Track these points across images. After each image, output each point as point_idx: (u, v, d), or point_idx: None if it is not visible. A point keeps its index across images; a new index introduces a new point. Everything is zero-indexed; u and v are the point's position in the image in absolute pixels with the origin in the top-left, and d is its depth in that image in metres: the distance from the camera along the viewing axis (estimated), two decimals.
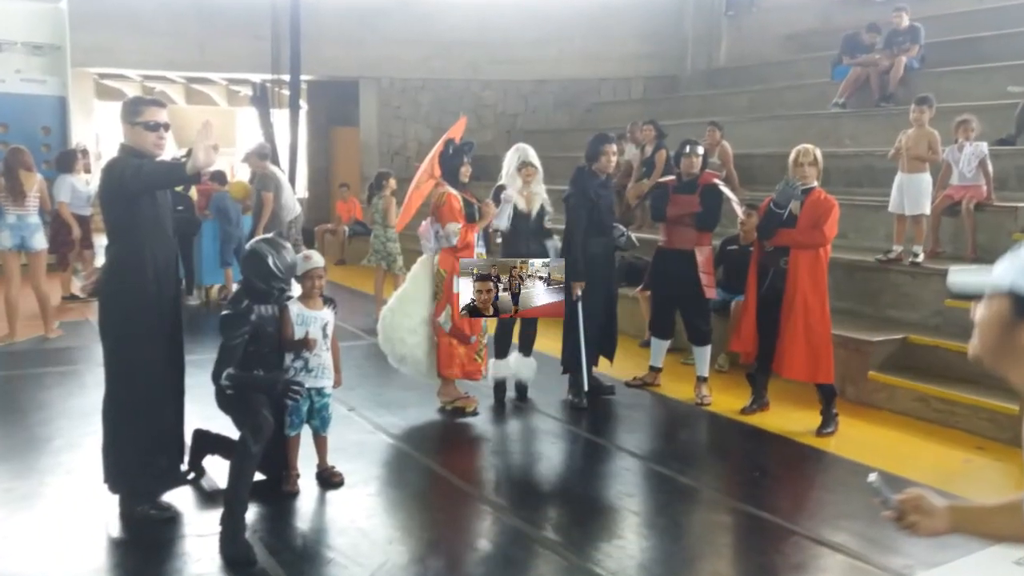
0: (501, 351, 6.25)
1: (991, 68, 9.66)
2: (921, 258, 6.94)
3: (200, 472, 4.68)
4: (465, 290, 5.68)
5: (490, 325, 6.15)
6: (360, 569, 3.72)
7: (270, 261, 4.31)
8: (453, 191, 5.87)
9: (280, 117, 15.40)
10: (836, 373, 5.76)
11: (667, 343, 6.69)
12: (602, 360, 6.47)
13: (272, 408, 4.21)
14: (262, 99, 15.24)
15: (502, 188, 6.16)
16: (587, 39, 15.54)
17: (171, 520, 4.18)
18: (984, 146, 7.30)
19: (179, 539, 4.04)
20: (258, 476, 4.21)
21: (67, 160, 9.83)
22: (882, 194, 7.65)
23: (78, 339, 8.05)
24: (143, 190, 3.99)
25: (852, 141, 9.88)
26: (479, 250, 5.95)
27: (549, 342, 6.78)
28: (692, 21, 14.90)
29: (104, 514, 4.20)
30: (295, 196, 9.93)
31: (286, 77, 14.79)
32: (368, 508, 4.43)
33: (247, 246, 4.54)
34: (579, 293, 6.05)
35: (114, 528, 4.13)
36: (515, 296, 5.50)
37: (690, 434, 6.07)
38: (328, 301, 4.64)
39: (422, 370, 6.05)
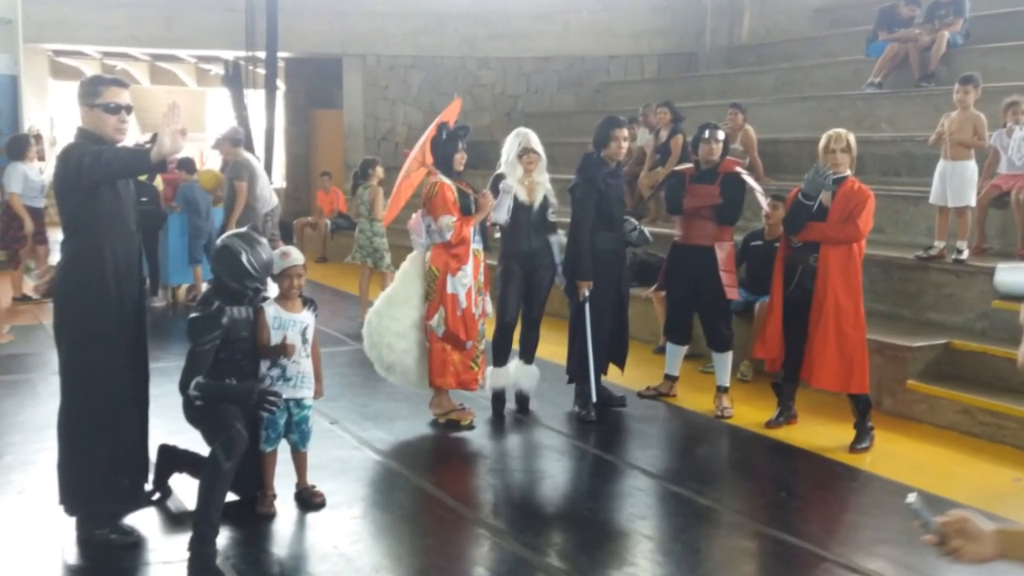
0: (500, 358, 6.25)
1: None
2: (966, 255, 6.94)
3: (166, 492, 4.68)
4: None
5: (488, 329, 6.16)
6: None
7: (244, 258, 4.31)
8: (447, 181, 5.87)
9: (255, 98, 15.39)
10: (871, 382, 5.76)
11: (684, 349, 6.69)
12: (612, 368, 6.47)
13: (246, 421, 4.21)
14: (235, 79, 15.23)
15: (501, 177, 6.16)
16: (595, 12, 15.54)
17: (134, 545, 4.18)
18: None
19: (143, 566, 4.04)
20: (230, 496, 4.21)
21: (19, 146, 9.82)
22: (922, 184, 7.65)
23: (31, 345, 8.05)
24: (103, 179, 3.99)
25: (889, 125, 9.88)
26: (475, 246, 5.95)
27: (553, 348, 6.78)
28: None
29: (60, 539, 4.20)
30: (271, 186, 9.94)
31: (262, 54, 14.77)
32: (352, 532, 4.43)
33: (218, 241, 4.55)
34: (586, 294, 6.05)
35: (71, 554, 4.12)
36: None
37: (709, 450, 6.07)
38: (308, 302, 4.64)
39: (412, 379, 6.05)
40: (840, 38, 12.77)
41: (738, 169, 6.37)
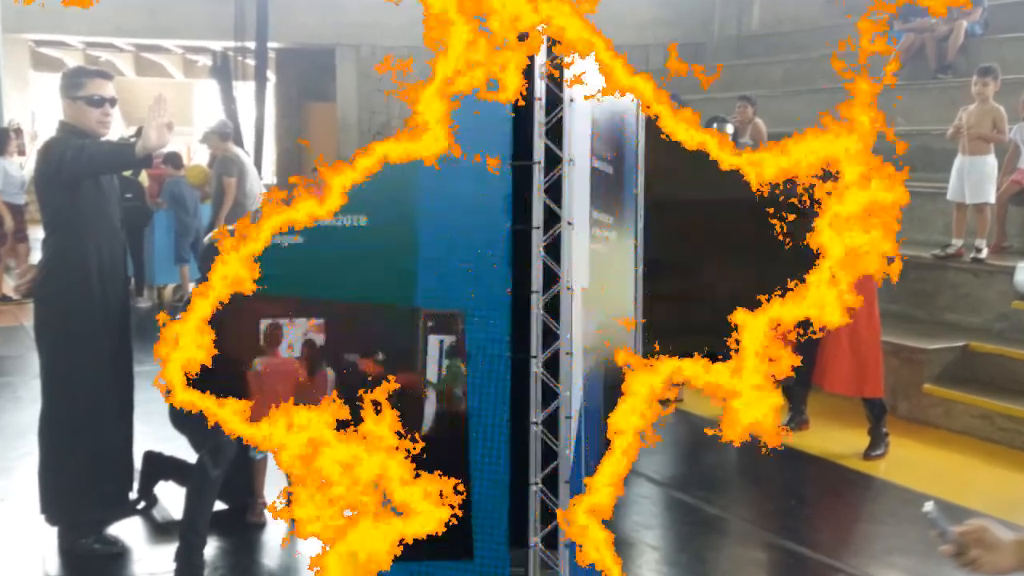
0: None
1: None
2: (984, 253, 6.94)
3: (152, 501, 4.68)
4: None
5: None
6: None
7: None
8: None
9: (244, 91, 15.39)
10: (886, 386, 5.76)
11: None
12: None
13: None
14: (223, 70, 15.22)
15: None
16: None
17: (118, 556, 4.18)
18: None
19: None
20: (219, 505, 4.21)
21: None
22: (940, 180, 7.65)
23: (11, 347, 8.05)
24: (86, 175, 3.98)
25: (905, 118, 9.87)
26: None
27: None
28: None
29: (41, 549, 4.19)
30: (261, 182, 9.94)
31: (251, 45, 14.76)
32: None
33: (205, 239, 4.54)
34: None
35: (53, 565, 4.11)
36: None
37: (717, 456, 6.06)
38: None
39: None
40: (853, 28, 12.73)
41: None
